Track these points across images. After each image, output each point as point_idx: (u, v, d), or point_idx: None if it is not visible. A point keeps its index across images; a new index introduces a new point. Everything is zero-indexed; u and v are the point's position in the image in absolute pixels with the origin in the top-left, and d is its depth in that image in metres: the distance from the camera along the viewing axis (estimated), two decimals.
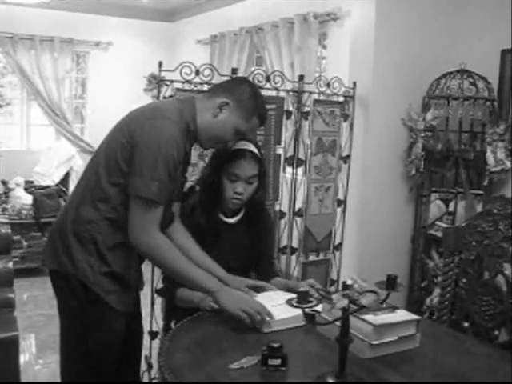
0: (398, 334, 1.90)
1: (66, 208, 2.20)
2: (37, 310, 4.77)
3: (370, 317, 1.86)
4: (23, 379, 3.06)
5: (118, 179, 2.07)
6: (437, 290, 3.34)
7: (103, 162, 2.11)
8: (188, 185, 2.59)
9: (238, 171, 2.37)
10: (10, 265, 3.36)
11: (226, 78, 3.08)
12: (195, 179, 2.82)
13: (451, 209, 3.63)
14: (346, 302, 1.59)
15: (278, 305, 2.17)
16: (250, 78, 3.06)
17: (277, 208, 3.36)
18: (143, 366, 3.04)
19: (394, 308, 2.00)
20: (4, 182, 6.26)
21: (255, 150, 2.43)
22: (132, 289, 2.24)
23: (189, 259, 2.15)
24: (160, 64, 2.91)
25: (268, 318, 2.02)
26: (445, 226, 3.53)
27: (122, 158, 2.06)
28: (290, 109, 3.35)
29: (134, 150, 2.03)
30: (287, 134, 3.36)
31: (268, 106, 3.07)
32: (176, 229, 2.34)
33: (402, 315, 1.98)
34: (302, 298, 2.19)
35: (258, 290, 2.33)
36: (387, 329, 1.88)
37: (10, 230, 3.53)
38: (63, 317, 2.21)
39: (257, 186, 2.46)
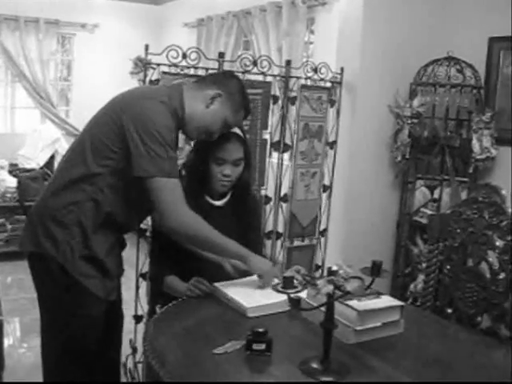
0: (381, 320, 1.91)
1: (47, 191, 2.18)
2: (21, 293, 4.75)
3: (354, 302, 1.87)
4: (7, 363, 3.05)
5: (105, 161, 2.07)
6: (421, 277, 3.37)
7: (89, 144, 2.10)
8: None
9: (225, 155, 2.38)
10: None
11: (212, 62, 3.07)
12: (181, 163, 2.81)
13: (436, 196, 3.65)
14: (331, 287, 1.60)
15: (263, 290, 2.17)
16: (237, 63, 3.05)
17: (262, 193, 3.35)
18: (128, 350, 3.05)
19: (378, 294, 2.01)
20: None
21: (239, 133, 2.44)
22: (112, 276, 2.21)
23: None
24: (146, 47, 2.89)
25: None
26: (430, 212, 3.55)
27: (109, 140, 2.06)
28: (277, 94, 3.34)
29: (130, 132, 2.02)
30: (274, 118, 3.35)
31: (255, 91, 3.08)
32: None
33: (386, 301, 1.99)
34: (288, 284, 2.20)
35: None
36: (371, 314, 1.89)
37: None
38: (41, 301, 2.20)
39: (243, 168, 2.47)
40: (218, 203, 2.51)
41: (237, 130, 2.42)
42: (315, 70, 3.38)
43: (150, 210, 2.17)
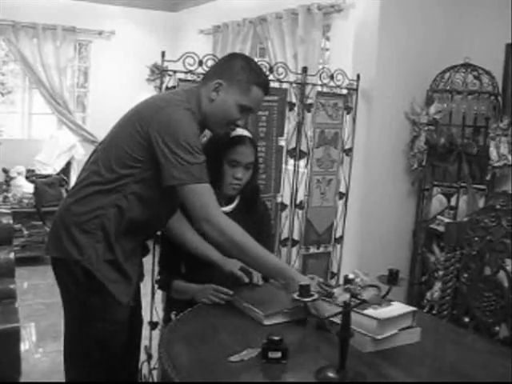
0: (397, 327, 1.90)
1: (70, 198, 2.19)
2: (37, 298, 4.78)
3: (371, 311, 1.85)
4: (23, 368, 3.07)
5: (131, 169, 2.08)
6: (437, 285, 3.34)
7: (113, 152, 2.11)
8: None
9: (239, 157, 2.40)
10: (12, 255, 3.34)
11: None
12: None
13: (453, 203, 3.62)
14: (347, 296, 1.59)
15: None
16: None
17: (278, 200, 3.35)
18: (143, 356, 3.04)
19: (389, 301, 1.99)
20: (5, 171, 6.26)
21: (251, 136, 2.47)
22: (132, 281, 2.22)
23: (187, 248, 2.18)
24: (163, 54, 2.89)
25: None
26: (446, 220, 3.52)
27: (135, 150, 2.07)
28: (293, 101, 3.33)
29: (157, 141, 2.02)
30: (290, 125, 3.35)
31: (271, 98, 3.07)
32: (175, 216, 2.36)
33: (400, 308, 1.97)
34: (304, 292, 2.18)
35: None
36: (389, 322, 1.87)
37: (11, 221, 3.51)
38: (66, 306, 2.21)
39: (252, 172, 2.49)
40: (226, 209, 2.50)
41: (249, 134, 2.46)
42: (331, 77, 3.38)
43: (170, 216, 2.18)
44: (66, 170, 6.65)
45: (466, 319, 2.53)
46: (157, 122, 2.04)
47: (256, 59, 5.61)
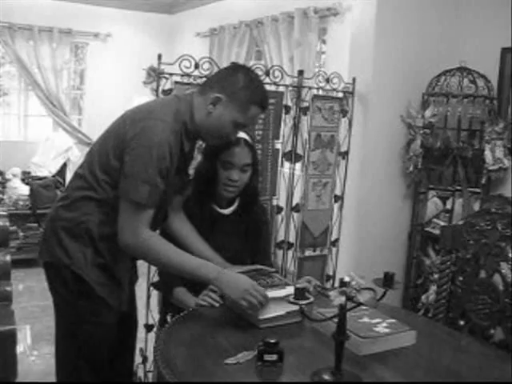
0: (284, 309, 2.02)
1: (59, 202, 2.19)
2: (32, 301, 4.76)
3: None
4: (18, 370, 3.06)
5: (109, 176, 2.07)
6: (433, 288, 3.35)
7: (97, 157, 2.11)
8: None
9: (233, 159, 2.37)
10: (8, 258, 3.34)
11: None
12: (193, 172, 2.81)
13: (448, 206, 3.63)
14: (343, 299, 1.59)
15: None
16: None
17: (274, 203, 3.35)
18: (138, 359, 3.04)
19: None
20: (1, 173, 6.25)
21: (248, 138, 2.43)
22: (123, 285, 2.22)
23: (183, 250, 2.14)
24: (159, 57, 2.90)
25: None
26: (442, 223, 3.53)
27: (116, 159, 2.05)
28: (289, 104, 3.34)
29: (126, 151, 2.01)
30: (286, 128, 3.35)
31: None
32: (176, 217, 2.36)
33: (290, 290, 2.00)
34: (300, 295, 2.19)
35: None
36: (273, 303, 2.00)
37: (7, 223, 3.51)
38: (57, 309, 2.22)
39: (251, 175, 2.46)
40: (226, 212, 2.50)
41: (246, 136, 2.43)
42: (327, 80, 3.39)
43: (157, 221, 2.18)
44: (62, 172, 6.65)
45: (462, 322, 2.53)
46: (132, 136, 2.01)
47: (252, 62, 5.64)
